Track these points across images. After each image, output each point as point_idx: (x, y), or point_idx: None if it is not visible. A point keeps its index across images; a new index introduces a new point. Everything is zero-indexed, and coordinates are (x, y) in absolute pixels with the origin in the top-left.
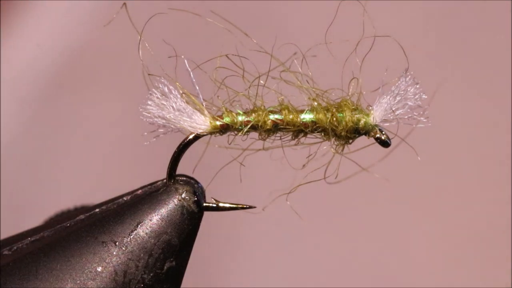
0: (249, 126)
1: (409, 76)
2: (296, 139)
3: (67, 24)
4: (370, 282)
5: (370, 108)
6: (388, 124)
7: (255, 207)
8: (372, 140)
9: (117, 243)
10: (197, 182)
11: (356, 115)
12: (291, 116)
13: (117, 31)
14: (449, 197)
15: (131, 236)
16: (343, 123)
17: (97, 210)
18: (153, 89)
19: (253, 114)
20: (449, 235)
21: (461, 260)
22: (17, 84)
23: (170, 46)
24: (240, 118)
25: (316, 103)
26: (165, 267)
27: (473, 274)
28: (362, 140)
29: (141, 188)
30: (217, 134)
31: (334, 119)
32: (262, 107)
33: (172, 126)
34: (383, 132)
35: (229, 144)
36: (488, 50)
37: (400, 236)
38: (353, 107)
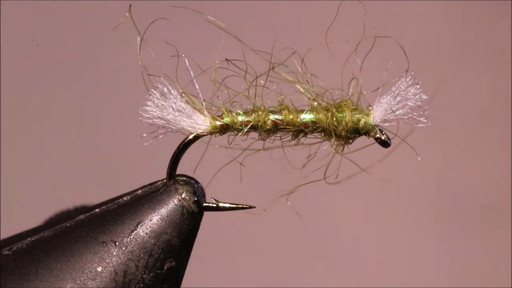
0: (249, 126)
1: (409, 76)
2: (296, 139)
3: (67, 24)
4: (371, 282)
5: (370, 108)
6: (388, 124)
7: (255, 207)
8: (372, 140)
9: (117, 243)
10: (197, 182)
11: (356, 115)
12: (291, 116)
13: (117, 31)
14: (449, 197)
15: (131, 236)
16: (343, 123)
17: (97, 210)
18: (152, 90)
19: (253, 114)
20: (449, 235)
21: (461, 260)
22: (17, 84)
23: (167, 46)
24: (240, 118)
25: (316, 103)
26: (165, 267)
27: (473, 274)
28: (362, 140)
29: (141, 188)
30: (217, 134)
31: (334, 119)
32: (262, 107)
33: (172, 126)
34: (383, 132)
35: (229, 144)
36: (488, 50)
37: (400, 236)
38: (353, 107)
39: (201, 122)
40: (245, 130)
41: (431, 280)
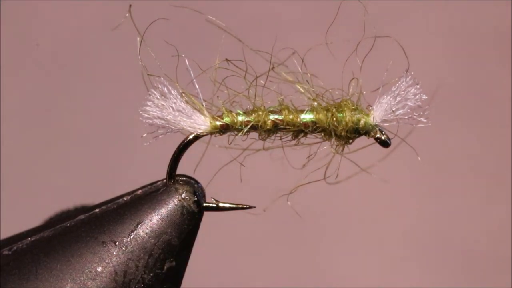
0: (249, 126)
1: (410, 77)
2: (296, 139)
3: (67, 24)
4: (370, 281)
5: (370, 108)
6: (388, 124)
7: (255, 207)
8: (372, 140)
9: (117, 243)
10: (197, 182)
11: (356, 115)
12: (291, 116)
13: (116, 31)
14: (449, 197)
15: (131, 236)
16: (343, 123)
17: (97, 210)
18: (152, 90)
19: (253, 114)
20: (449, 235)
21: (461, 260)
22: (17, 84)
23: (167, 46)
24: (240, 118)
25: (316, 103)
26: (165, 267)
27: (473, 274)
28: (362, 140)
29: (141, 188)
30: (217, 134)
31: (334, 119)
32: (262, 107)
33: (172, 126)
34: (383, 132)
35: (229, 144)
36: (488, 50)
37: (400, 235)
38: (353, 107)
39: (201, 122)
40: (245, 130)
41: (431, 279)
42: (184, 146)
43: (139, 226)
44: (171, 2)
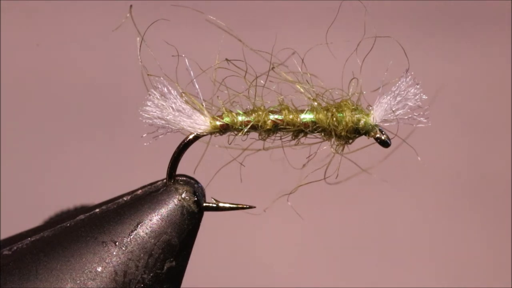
0: (249, 126)
1: (410, 77)
2: (296, 139)
3: (68, 24)
4: (370, 282)
5: (370, 108)
6: (388, 124)
7: (255, 207)
8: (372, 140)
9: (117, 243)
10: (197, 182)
11: (356, 115)
12: (291, 116)
13: (117, 31)
14: (449, 197)
15: (131, 236)
16: (343, 123)
17: (97, 210)
18: (152, 90)
19: (253, 114)
20: (449, 234)
21: (461, 260)
22: (17, 84)
23: (167, 46)
24: (240, 118)
25: (316, 103)
26: (165, 267)
27: (474, 274)
28: (362, 140)
29: (141, 188)
30: (217, 134)
31: (334, 119)
32: (262, 107)
33: (172, 126)
34: (383, 132)
35: (229, 144)
36: (488, 50)
37: (400, 236)
38: (353, 107)
39: (201, 122)
40: (245, 130)
41: (432, 279)
42: (184, 146)
43: (139, 226)
44: (171, 2)
